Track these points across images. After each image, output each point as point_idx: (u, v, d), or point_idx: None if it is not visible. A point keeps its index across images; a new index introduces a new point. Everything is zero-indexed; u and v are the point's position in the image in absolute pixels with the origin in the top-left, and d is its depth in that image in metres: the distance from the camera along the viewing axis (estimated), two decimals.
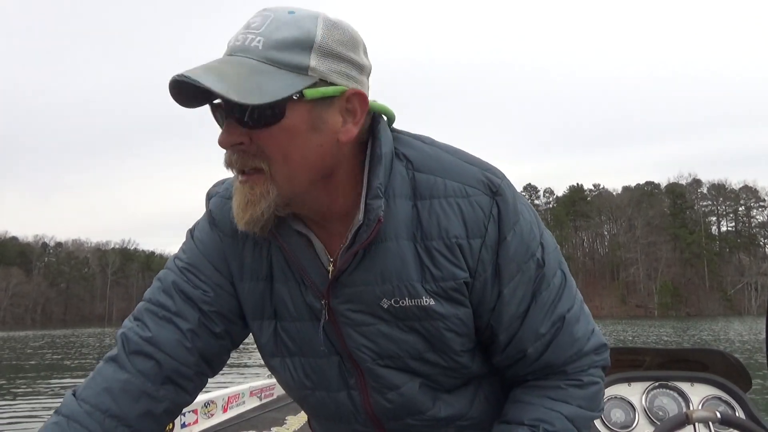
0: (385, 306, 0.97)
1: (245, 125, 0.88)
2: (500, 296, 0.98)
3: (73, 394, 1.02)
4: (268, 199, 0.90)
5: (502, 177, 1.00)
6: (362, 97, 0.93)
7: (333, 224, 0.99)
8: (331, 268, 1.00)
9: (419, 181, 0.98)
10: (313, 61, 0.88)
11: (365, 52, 0.96)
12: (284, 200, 0.92)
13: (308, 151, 0.91)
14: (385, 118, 1.01)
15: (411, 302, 0.96)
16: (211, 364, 1.10)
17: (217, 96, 0.84)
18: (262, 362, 1.23)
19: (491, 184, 0.97)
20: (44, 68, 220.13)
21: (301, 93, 0.87)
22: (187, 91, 0.87)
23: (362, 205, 0.95)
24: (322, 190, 0.95)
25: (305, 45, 0.87)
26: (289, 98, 0.86)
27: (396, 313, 0.98)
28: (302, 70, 0.87)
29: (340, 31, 0.91)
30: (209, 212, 1.13)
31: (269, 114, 0.87)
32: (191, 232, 1.16)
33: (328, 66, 0.89)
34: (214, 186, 1.17)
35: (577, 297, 1.07)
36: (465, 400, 1.09)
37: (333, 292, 1.00)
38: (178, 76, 0.84)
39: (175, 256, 1.14)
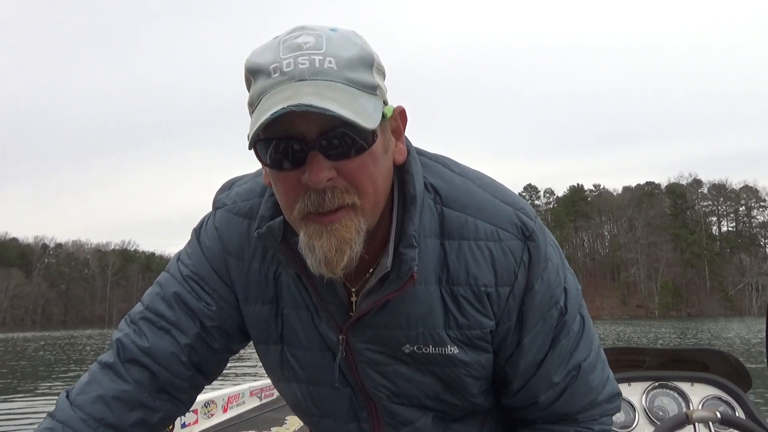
0: (407, 351, 0.94)
1: (336, 157, 0.80)
2: (519, 344, 0.95)
3: (67, 397, 0.99)
4: (362, 235, 0.83)
5: (535, 218, 0.94)
6: (405, 114, 0.90)
7: (369, 256, 0.91)
8: (354, 305, 0.95)
9: (448, 218, 0.91)
10: (377, 79, 0.84)
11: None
12: (365, 234, 0.85)
13: (384, 178, 0.85)
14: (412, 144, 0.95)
15: (435, 350, 0.93)
16: (207, 375, 1.07)
17: (296, 127, 0.79)
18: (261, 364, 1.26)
19: (525, 228, 0.91)
20: (44, 68, 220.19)
21: (384, 114, 0.83)
22: (273, 127, 0.78)
23: (391, 250, 0.88)
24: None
25: (368, 63, 0.83)
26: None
27: (418, 358, 0.94)
28: (374, 89, 0.82)
29: (368, 44, 0.86)
30: (215, 227, 1.06)
31: (368, 140, 0.80)
32: (197, 234, 1.08)
33: (383, 83, 0.85)
34: (222, 192, 1.10)
35: (594, 343, 1.03)
36: (474, 429, 1.06)
37: (353, 330, 0.95)
38: (300, 105, 0.74)
39: (179, 260, 1.08)
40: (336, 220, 0.82)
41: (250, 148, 0.83)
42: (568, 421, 1.02)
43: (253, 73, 0.84)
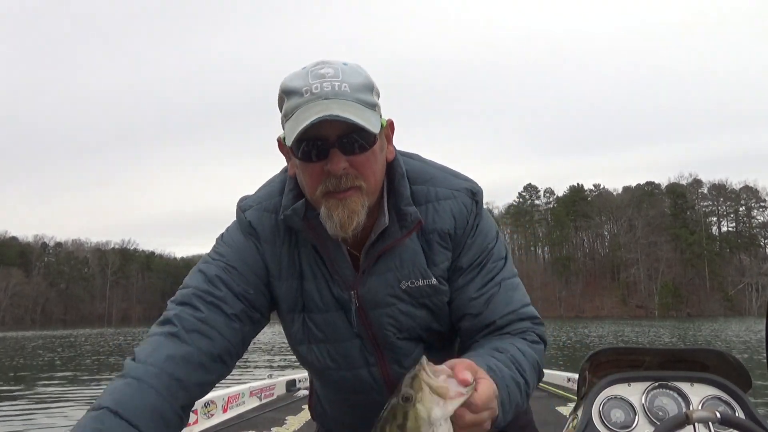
0: (404, 287, 1.24)
1: (349, 153, 1.14)
2: (458, 266, 1.28)
3: (134, 360, 1.16)
4: (365, 208, 1.16)
5: (477, 185, 1.32)
6: (393, 125, 1.27)
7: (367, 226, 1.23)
8: (361, 261, 1.26)
9: (415, 191, 1.26)
10: (377, 99, 1.21)
11: None
12: (367, 209, 1.18)
13: (380, 169, 1.22)
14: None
15: (424, 282, 1.25)
16: (245, 346, 1.30)
17: (323, 132, 1.12)
18: (263, 362, 1.72)
19: (472, 190, 1.29)
20: (44, 67, 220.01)
21: (381, 125, 1.20)
22: (304, 132, 1.10)
23: (386, 210, 1.23)
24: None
25: (370, 88, 1.19)
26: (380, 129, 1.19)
27: (411, 292, 1.25)
28: (375, 107, 1.18)
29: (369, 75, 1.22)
30: (248, 224, 1.31)
31: (371, 141, 1.16)
32: (225, 236, 1.35)
33: (379, 102, 1.22)
34: (244, 200, 1.37)
35: (516, 277, 1.33)
36: (452, 352, 1.39)
37: (361, 283, 1.25)
38: (329, 115, 1.07)
39: (212, 257, 1.30)
40: (348, 196, 1.15)
41: (289, 146, 1.15)
42: (502, 334, 1.25)
43: (287, 94, 1.17)
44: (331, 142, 1.13)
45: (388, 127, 1.26)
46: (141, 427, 1.05)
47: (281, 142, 1.27)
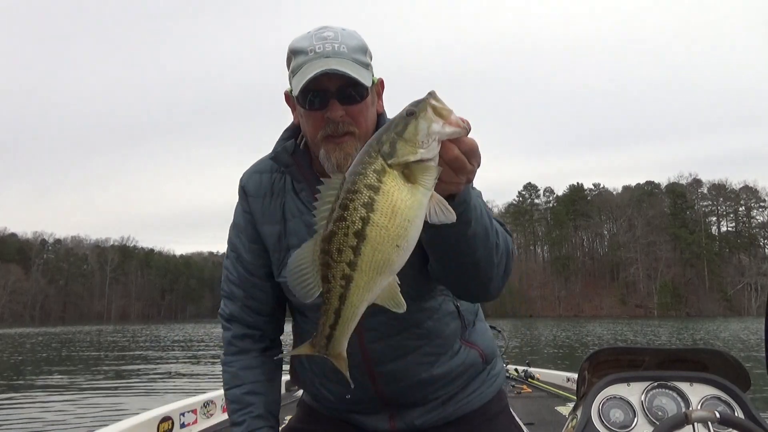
0: None
1: (345, 103, 1.33)
2: None
3: (224, 355, 1.63)
4: (357, 152, 1.21)
5: None
6: (383, 83, 1.46)
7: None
8: None
9: None
10: (369, 60, 1.40)
11: None
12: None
13: (371, 119, 1.39)
14: None
15: None
16: (281, 304, 1.64)
17: (324, 85, 1.31)
18: None
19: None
20: (44, 65, 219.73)
21: (373, 80, 1.39)
22: (308, 85, 1.31)
23: None
24: None
25: (365, 49, 1.39)
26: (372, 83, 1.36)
27: None
28: (368, 66, 1.39)
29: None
30: (241, 188, 1.59)
31: (363, 94, 1.35)
32: (233, 227, 1.62)
33: (371, 63, 1.41)
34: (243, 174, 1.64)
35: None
36: (426, 285, 1.47)
37: None
38: (329, 69, 1.28)
39: (231, 234, 1.62)
40: (344, 141, 1.34)
41: (295, 97, 1.38)
42: None
43: (294, 53, 1.38)
44: (331, 93, 1.33)
45: (379, 85, 1.45)
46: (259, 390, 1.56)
47: (288, 95, 1.48)
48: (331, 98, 1.33)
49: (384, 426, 1.56)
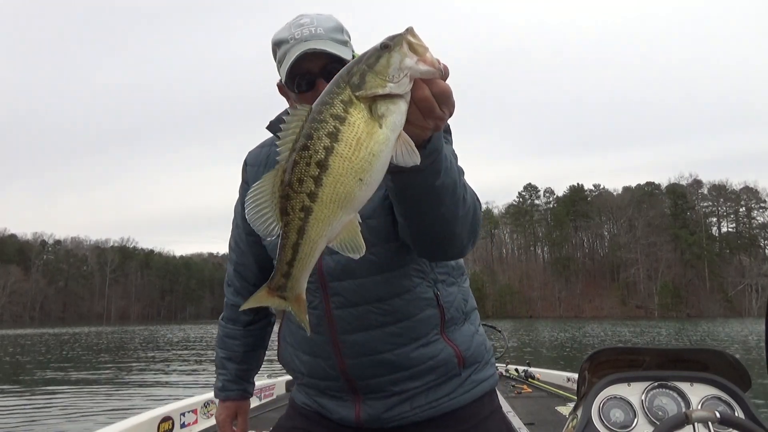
0: None
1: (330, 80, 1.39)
2: None
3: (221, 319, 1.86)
4: None
5: None
6: None
7: None
8: None
9: None
10: (347, 38, 1.49)
11: None
12: None
13: None
14: None
15: None
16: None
17: (306, 66, 1.40)
18: (262, 362, 1.88)
19: None
20: (43, 67, 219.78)
21: (353, 56, 1.43)
22: (293, 70, 1.41)
23: None
24: None
25: (340, 29, 1.47)
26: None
27: None
28: (346, 43, 1.47)
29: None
30: (244, 162, 1.71)
31: None
32: (239, 203, 1.76)
33: (350, 40, 1.48)
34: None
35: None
36: (403, 263, 1.50)
37: None
38: (309, 49, 1.38)
39: (235, 210, 1.77)
40: None
41: (284, 84, 1.47)
42: None
43: (277, 44, 1.48)
44: (316, 74, 1.42)
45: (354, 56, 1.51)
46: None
47: (280, 87, 1.58)
48: (317, 78, 1.42)
49: (350, 416, 1.55)
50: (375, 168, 0.95)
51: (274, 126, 1.58)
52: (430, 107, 0.99)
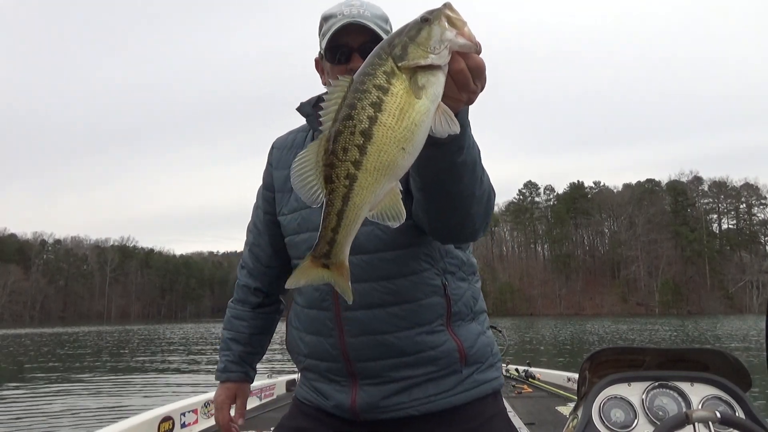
0: None
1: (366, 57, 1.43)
2: None
3: (231, 302, 1.87)
4: None
5: None
6: None
7: None
8: None
9: None
10: (389, 28, 1.56)
11: None
12: None
13: None
14: None
15: None
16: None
17: (345, 40, 1.49)
18: (263, 362, 1.83)
19: None
20: (43, 67, 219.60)
21: None
22: (332, 42, 1.50)
23: None
24: None
25: (386, 19, 1.56)
26: None
27: None
28: (387, 32, 1.52)
29: None
30: (271, 146, 1.78)
31: None
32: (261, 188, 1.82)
33: (390, 30, 1.55)
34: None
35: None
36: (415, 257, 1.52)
37: None
38: (353, 21, 1.48)
39: (258, 193, 1.82)
40: None
41: (322, 53, 1.57)
42: None
43: (325, 19, 1.56)
44: (353, 48, 1.49)
45: None
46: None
47: (317, 61, 1.66)
48: (354, 52, 1.49)
49: (346, 401, 1.54)
50: (417, 137, 0.98)
51: (305, 107, 1.65)
52: (465, 80, 1.01)
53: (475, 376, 1.56)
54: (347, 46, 1.51)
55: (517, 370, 7.32)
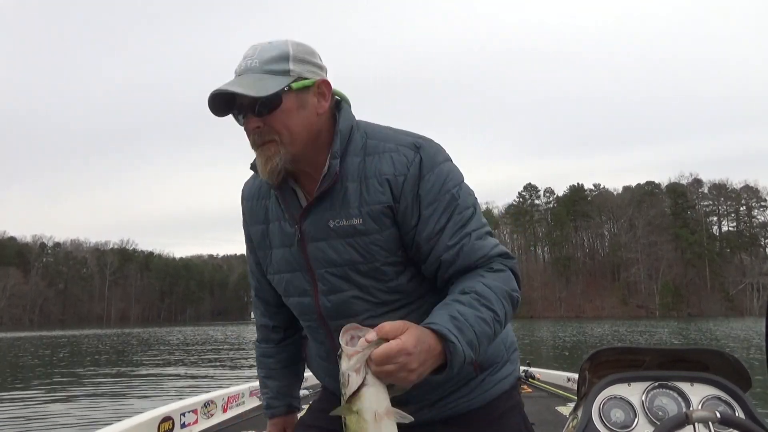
0: (332, 225, 1.41)
1: (259, 114, 1.35)
2: (420, 216, 1.38)
3: (256, 341, 1.85)
4: (279, 156, 1.36)
5: (429, 141, 1.45)
6: (327, 84, 1.43)
7: (318, 174, 1.43)
8: (305, 203, 1.47)
9: (369, 144, 1.44)
10: (292, 66, 1.37)
11: (320, 59, 1.45)
12: (291, 157, 1.38)
13: (300, 123, 1.38)
14: (346, 103, 1.50)
15: (346, 222, 1.39)
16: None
17: (239, 100, 1.35)
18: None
19: (416, 143, 1.41)
20: (42, 69, 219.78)
21: (289, 86, 1.35)
22: (219, 103, 1.35)
23: (328, 163, 1.41)
24: (311, 149, 1.40)
25: (284, 58, 1.37)
26: (282, 90, 1.33)
27: (337, 231, 1.40)
28: (286, 73, 1.35)
29: (303, 47, 1.41)
30: (241, 196, 1.69)
31: (274, 103, 1.34)
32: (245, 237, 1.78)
33: (301, 68, 1.37)
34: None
35: (484, 227, 1.43)
36: (397, 316, 1.41)
37: (303, 218, 1.44)
38: (215, 90, 1.32)
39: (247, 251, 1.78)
40: (265, 147, 1.37)
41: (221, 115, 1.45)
42: (471, 271, 1.40)
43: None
44: (244, 109, 1.38)
45: (322, 86, 1.41)
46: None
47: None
48: (245, 112, 1.39)
49: None
50: None
51: (252, 166, 1.56)
52: (386, 374, 1.13)
53: (490, 377, 1.58)
54: (238, 107, 1.40)
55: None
